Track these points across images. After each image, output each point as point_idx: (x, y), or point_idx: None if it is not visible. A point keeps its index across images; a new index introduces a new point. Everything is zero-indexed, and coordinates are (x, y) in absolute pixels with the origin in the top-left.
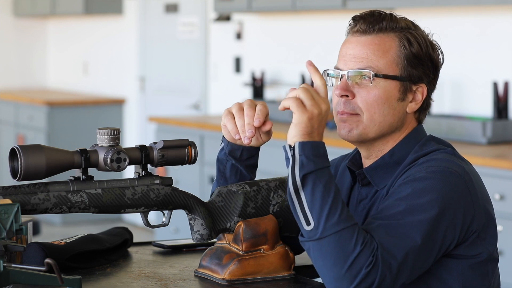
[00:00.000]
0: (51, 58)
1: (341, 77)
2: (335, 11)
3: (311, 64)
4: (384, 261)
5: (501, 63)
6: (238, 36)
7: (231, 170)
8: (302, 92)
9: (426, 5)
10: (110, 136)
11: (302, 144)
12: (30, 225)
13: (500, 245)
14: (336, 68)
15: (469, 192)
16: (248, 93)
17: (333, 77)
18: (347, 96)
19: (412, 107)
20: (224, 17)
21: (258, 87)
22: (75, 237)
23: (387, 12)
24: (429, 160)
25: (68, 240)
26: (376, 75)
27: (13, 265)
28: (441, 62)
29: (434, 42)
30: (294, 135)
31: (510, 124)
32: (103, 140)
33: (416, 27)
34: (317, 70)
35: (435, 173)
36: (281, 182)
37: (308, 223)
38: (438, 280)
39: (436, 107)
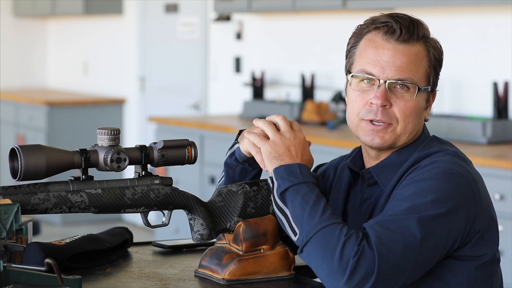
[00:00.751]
0: (51, 58)
1: (379, 85)
2: (335, 11)
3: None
4: (381, 254)
5: (501, 63)
6: (238, 36)
7: (240, 174)
8: (264, 124)
9: (426, 5)
10: (110, 136)
11: (275, 170)
12: (30, 225)
13: (500, 245)
14: (367, 72)
15: (472, 192)
16: (248, 93)
17: (359, 77)
18: (385, 106)
19: (426, 113)
20: (224, 17)
21: (258, 87)
22: (75, 237)
23: (415, 17)
24: (432, 162)
25: (68, 240)
26: (419, 88)
27: (13, 265)
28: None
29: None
30: (267, 164)
31: (510, 124)
32: (103, 140)
33: (429, 31)
34: (266, 120)
35: (438, 174)
36: None
37: (295, 233)
38: (442, 282)
39: (436, 107)
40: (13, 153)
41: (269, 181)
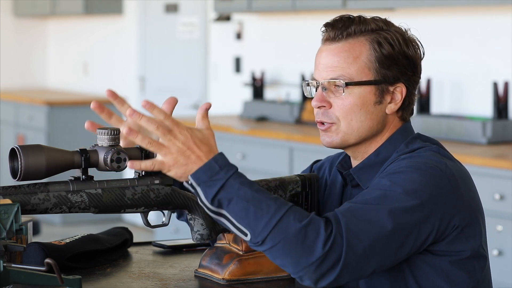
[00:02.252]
0: (51, 58)
1: (316, 88)
2: (335, 11)
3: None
4: (349, 243)
5: (501, 63)
6: (238, 36)
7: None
8: (159, 131)
9: (426, 5)
10: (110, 136)
11: (193, 177)
12: (30, 225)
13: (500, 245)
14: (313, 78)
15: (451, 187)
16: (248, 93)
17: (312, 86)
18: (324, 106)
19: (391, 108)
20: (224, 17)
21: (258, 87)
22: (75, 237)
23: (355, 15)
24: (411, 156)
25: (68, 240)
26: (348, 84)
27: (13, 265)
28: (421, 57)
29: (412, 38)
30: (180, 176)
31: (510, 124)
32: (103, 140)
33: (389, 25)
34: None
35: (414, 167)
36: (281, 182)
37: (245, 234)
38: (425, 276)
39: (436, 107)
40: (13, 153)
41: (187, 186)
